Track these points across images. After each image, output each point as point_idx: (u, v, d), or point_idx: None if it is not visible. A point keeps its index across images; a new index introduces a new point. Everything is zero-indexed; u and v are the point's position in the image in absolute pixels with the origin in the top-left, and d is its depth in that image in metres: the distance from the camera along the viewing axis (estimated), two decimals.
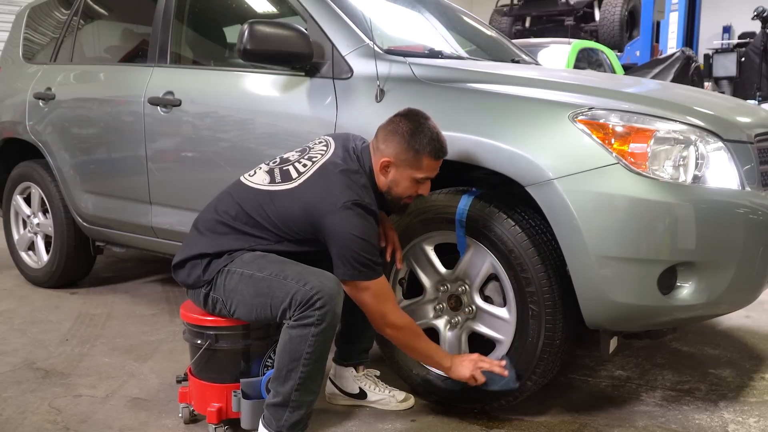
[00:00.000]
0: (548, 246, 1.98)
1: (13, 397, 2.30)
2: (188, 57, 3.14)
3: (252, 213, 1.94)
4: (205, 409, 2.01)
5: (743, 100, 3.00)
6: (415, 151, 1.91)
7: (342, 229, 1.83)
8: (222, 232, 1.96)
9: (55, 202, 3.51)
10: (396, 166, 1.95)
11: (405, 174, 1.95)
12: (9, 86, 3.76)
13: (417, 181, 1.97)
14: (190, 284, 1.98)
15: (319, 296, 1.74)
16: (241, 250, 1.93)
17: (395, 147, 1.93)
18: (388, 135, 1.95)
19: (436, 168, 1.98)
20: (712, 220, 1.87)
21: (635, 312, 1.90)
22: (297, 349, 1.76)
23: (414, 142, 1.91)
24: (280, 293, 1.79)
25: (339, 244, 1.84)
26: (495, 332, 2.09)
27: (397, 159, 1.94)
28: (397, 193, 1.99)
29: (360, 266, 1.84)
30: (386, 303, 1.92)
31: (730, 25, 12.95)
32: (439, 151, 1.94)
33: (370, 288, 1.88)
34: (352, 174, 1.91)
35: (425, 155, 1.92)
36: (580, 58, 7.09)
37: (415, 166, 1.94)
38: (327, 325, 1.75)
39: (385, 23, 2.82)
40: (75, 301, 3.45)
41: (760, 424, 2.14)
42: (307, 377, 1.78)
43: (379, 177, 1.99)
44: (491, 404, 2.14)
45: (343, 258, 1.84)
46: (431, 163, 1.94)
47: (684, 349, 2.80)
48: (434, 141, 1.92)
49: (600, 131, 1.90)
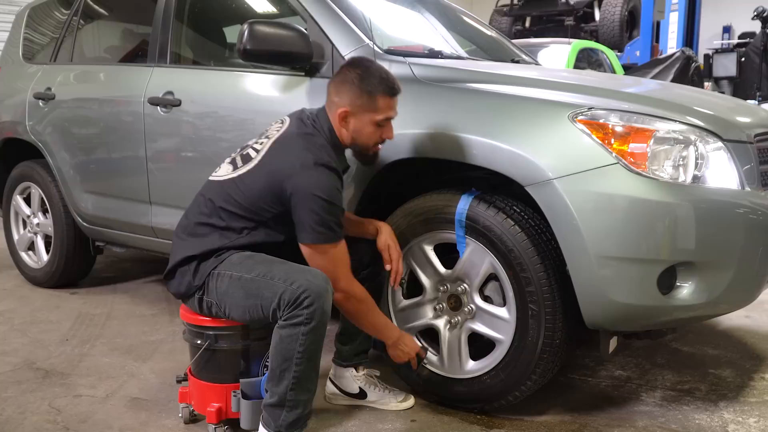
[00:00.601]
0: (548, 246, 1.98)
1: (13, 397, 2.30)
2: (188, 57, 3.14)
3: (224, 206, 1.95)
4: (204, 409, 2.01)
5: (743, 100, 3.00)
6: (369, 93, 1.93)
7: (303, 189, 1.84)
8: (202, 233, 1.97)
9: (55, 202, 3.51)
10: (354, 114, 1.96)
11: (365, 120, 1.96)
12: (9, 86, 3.76)
13: (378, 124, 1.97)
14: (183, 293, 1.99)
15: (306, 295, 1.74)
16: (228, 250, 1.93)
17: (348, 95, 1.95)
18: (339, 86, 1.97)
19: (393, 107, 1.99)
20: (712, 220, 1.87)
21: (635, 312, 1.90)
22: (288, 349, 1.76)
23: (365, 85, 1.93)
24: (269, 294, 1.79)
25: (300, 206, 1.85)
26: (495, 332, 2.09)
27: (353, 106, 1.95)
28: (363, 141, 1.99)
29: (322, 228, 1.84)
30: (340, 267, 1.90)
31: (730, 25, 12.95)
32: (391, 88, 1.96)
33: (328, 252, 1.87)
34: (308, 137, 1.93)
35: (379, 95, 1.94)
36: (580, 58, 7.09)
37: (372, 109, 1.95)
38: (316, 323, 1.75)
39: (384, 23, 2.82)
40: (75, 301, 3.45)
41: (760, 424, 2.15)
42: (301, 376, 1.78)
43: (341, 131, 1.99)
44: (491, 404, 2.14)
45: (305, 221, 1.85)
46: (387, 101, 1.96)
47: (684, 349, 2.80)
48: (385, 79, 1.95)
49: (600, 131, 1.90)
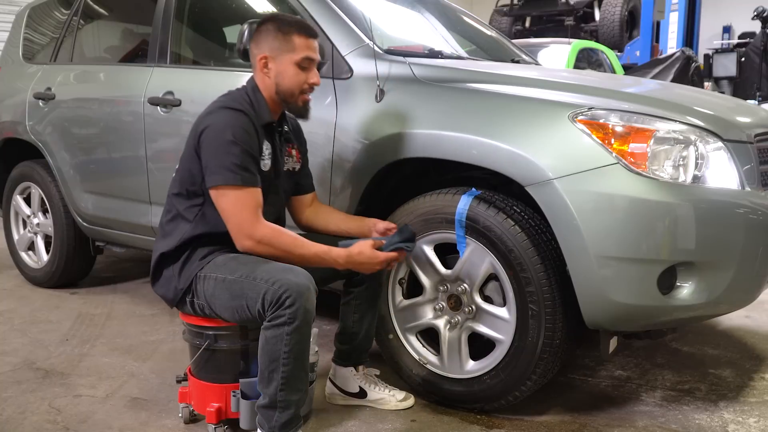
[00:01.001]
0: (548, 246, 1.98)
1: (13, 397, 2.30)
2: (188, 57, 3.14)
3: (173, 191, 2.00)
4: (204, 409, 2.01)
5: (743, 100, 3.00)
6: (283, 33, 1.96)
7: (207, 130, 1.88)
8: (167, 231, 2.01)
9: (55, 202, 3.51)
10: (272, 59, 1.97)
11: (284, 62, 1.96)
12: (9, 86, 3.76)
13: (299, 66, 1.96)
14: (171, 298, 2.00)
15: (287, 294, 1.73)
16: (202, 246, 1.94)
17: (265, 41, 1.98)
18: (256, 38, 2.00)
19: (312, 47, 1.99)
20: (712, 220, 1.87)
21: (635, 312, 1.90)
22: (274, 350, 1.76)
23: (280, 28, 1.96)
24: (253, 294, 1.79)
25: (204, 149, 1.88)
26: (495, 332, 2.09)
27: (271, 50, 1.97)
28: (287, 86, 1.98)
29: (222, 169, 1.84)
30: (244, 212, 1.85)
31: (730, 25, 12.95)
32: (306, 28, 1.99)
33: (228, 195, 1.86)
34: (224, 96, 1.98)
35: (294, 34, 1.96)
36: (580, 58, 7.09)
37: (290, 49, 1.96)
38: (300, 322, 1.74)
39: (385, 23, 2.82)
40: (75, 301, 3.45)
41: (760, 424, 2.15)
42: (289, 376, 1.78)
43: (264, 81, 1.99)
44: (491, 404, 2.14)
45: (208, 163, 1.87)
46: (304, 41, 1.96)
47: (684, 349, 2.80)
48: (297, 21, 2.01)
49: (600, 131, 1.90)
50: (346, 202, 2.32)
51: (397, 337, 2.29)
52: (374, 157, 2.23)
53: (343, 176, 2.32)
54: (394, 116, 2.21)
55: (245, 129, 1.88)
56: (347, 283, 2.18)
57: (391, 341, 2.30)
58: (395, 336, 2.30)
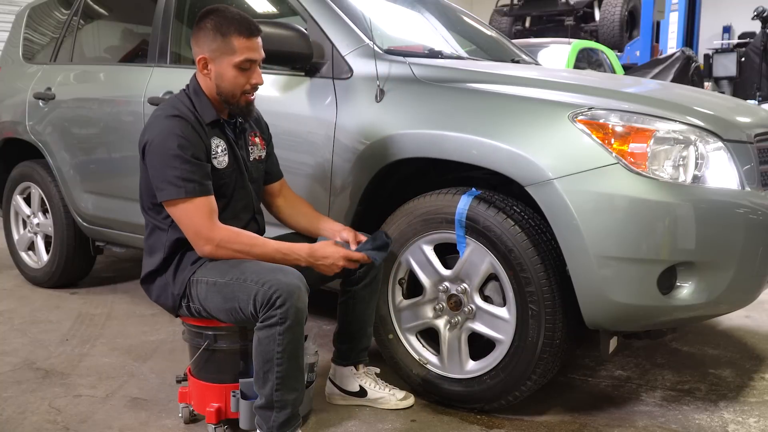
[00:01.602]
0: (548, 246, 1.98)
1: (13, 397, 2.30)
2: (188, 57, 3.13)
3: (145, 205, 2.01)
4: (204, 409, 2.01)
5: (743, 100, 3.00)
6: (222, 34, 1.90)
7: (149, 145, 1.87)
8: (151, 243, 2.03)
9: (55, 202, 3.51)
10: (212, 60, 1.92)
11: (223, 64, 1.91)
12: (9, 86, 3.76)
13: (240, 67, 1.92)
14: (171, 306, 2.00)
15: (277, 294, 1.73)
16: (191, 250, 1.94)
17: (204, 41, 1.92)
18: (196, 34, 1.95)
19: (253, 47, 1.93)
20: (712, 220, 1.87)
21: (635, 312, 1.90)
22: (268, 351, 1.76)
23: (219, 28, 1.90)
24: (244, 296, 1.79)
25: (150, 163, 1.87)
26: (495, 332, 2.09)
27: (210, 51, 1.92)
28: (227, 88, 1.94)
29: (163, 184, 1.84)
30: (196, 220, 1.85)
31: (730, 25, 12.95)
32: (246, 28, 1.90)
33: (178, 207, 1.85)
34: (164, 103, 1.95)
35: (233, 35, 1.90)
36: (580, 58, 7.09)
37: (229, 51, 1.90)
38: (291, 322, 1.74)
39: (385, 23, 2.82)
40: (75, 301, 3.45)
41: (760, 424, 2.15)
42: (284, 376, 1.78)
43: (205, 81, 1.96)
44: (491, 404, 2.14)
45: (153, 179, 1.87)
46: (243, 42, 1.90)
47: (684, 349, 2.80)
48: (238, 20, 1.91)
49: (600, 131, 1.90)
50: (346, 202, 2.32)
51: (397, 337, 2.29)
52: (374, 157, 2.23)
53: (343, 176, 2.31)
54: (394, 116, 2.21)
55: (184, 136, 1.85)
56: (345, 282, 2.18)
57: (391, 341, 2.30)
58: (395, 336, 2.30)
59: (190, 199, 1.84)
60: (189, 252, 1.96)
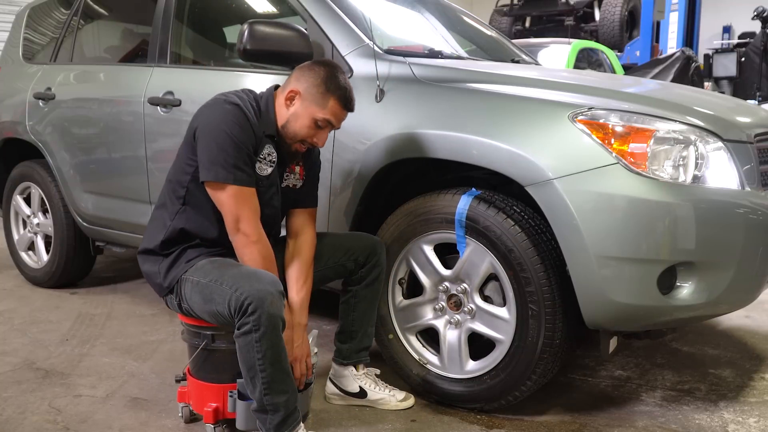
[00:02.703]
0: (548, 246, 1.98)
1: (13, 397, 2.30)
2: (188, 57, 3.14)
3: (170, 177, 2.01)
4: (202, 409, 2.01)
5: (743, 100, 3.00)
6: (326, 88, 1.94)
7: (202, 123, 1.88)
8: (156, 216, 2.03)
9: (55, 202, 3.51)
10: (302, 99, 1.95)
11: (308, 109, 1.95)
12: (9, 86, 3.76)
13: (317, 122, 1.96)
14: (157, 290, 2.02)
15: (249, 301, 1.72)
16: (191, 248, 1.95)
17: (307, 81, 1.95)
18: (305, 71, 1.98)
19: (339, 115, 1.98)
20: (712, 220, 1.87)
21: (635, 312, 1.90)
22: (248, 358, 1.76)
23: (327, 82, 1.94)
24: (220, 299, 1.79)
25: (200, 142, 1.88)
26: (495, 332, 2.09)
27: (306, 92, 1.95)
28: (294, 129, 1.97)
29: (216, 166, 1.84)
30: (241, 208, 1.87)
31: (730, 25, 12.95)
32: (347, 100, 1.97)
33: (226, 190, 1.86)
34: (230, 93, 1.96)
35: (333, 96, 1.94)
36: (580, 58, 7.09)
37: (321, 105, 1.94)
38: (265, 328, 1.73)
39: (385, 23, 2.82)
40: (75, 301, 3.45)
41: (760, 424, 2.14)
42: (270, 380, 1.77)
43: (281, 108, 1.98)
44: (491, 404, 2.14)
45: (202, 157, 1.87)
46: (336, 108, 1.96)
47: (684, 349, 2.80)
48: (345, 89, 1.97)
49: (600, 131, 1.90)
50: (346, 202, 2.32)
51: (397, 337, 2.29)
52: (374, 158, 2.23)
53: (343, 176, 2.31)
54: (394, 116, 2.21)
55: (240, 124, 1.87)
56: (347, 282, 2.19)
57: (391, 341, 2.30)
58: (395, 336, 2.30)
59: (239, 187, 1.86)
60: (189, 250, 1.96)
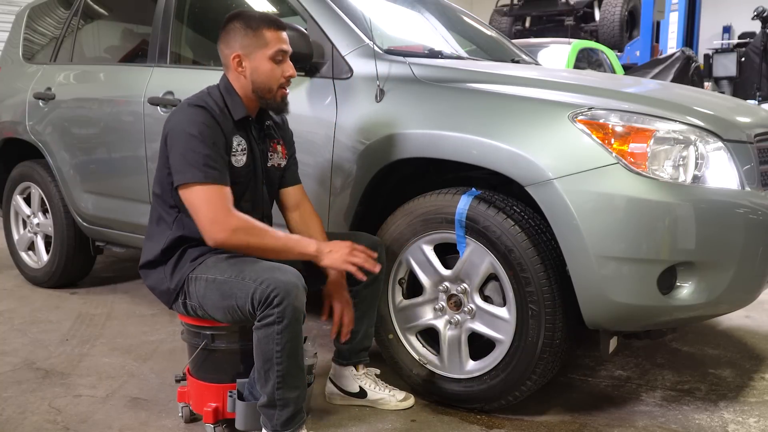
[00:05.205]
0: (548, 246, 1.98)
1: (13, 397, 2.30)
2: (188, 57, 3.14)
3: (157, 191, 2.00)
4: (202, 408, 2.01)
5: (743, 100, 3.00)
6: (253, 29, 1.95)
7: (171, 129, 1.89)
8: (152, 232, 2.02)
9: (55, 202, 3.51)
10: (246, 56, 1.96)
11: (257, 58, 1.95)
12: (9, 86, 3.76)
13: (273, 60, 1.96)
14: (165, 299, 2.01)
15: (275, 293, 1.73)
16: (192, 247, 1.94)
17: (235, 40, 1.97)
18: (225, 37, 1.99)
19: (283, 39, 1.98)
20: (712, 220, 1.87)
21: (635, 312, 1.90)
22: (267, 350, 1.76)
23: (248, 24, 1.96)
24: (242, 294, 1.79)
25: (171, 149, 1.88)
26: (495, 332, 2.09)
27: (243, 48, 1.96)
28: (264, 82, 1.97)
29: (187, 167, 1.84)
30: (212, 207, 1.84)
31: (730, 25, 12.95)
32: (273, 21, 1.97)
33: (195, 191, 1.84)
34: (194, 96, 1.97)
35: (263, 28, 1.95)
36: (580, 58, 7.09)
37: (262, 44, 1.95)
38: (289, 320, 1.74)
39: (385, 23, 2.82)
40: (75, 301, 3.45)
41: (760, 424, 2.14)
42: (285, 374, 1.78)
43: (239, 80, 1.98)
44: (491, 404, 2.14)
45: (174, 163, 1.87)
46: (274, 34, 1.96)
47: (684, 349, 2.80)
48: (264, 15, 1.99)
49: (600, 131, 1.90)
50: (346, 202, 2.32)
51: (397, 337, 2.29)
52: (374, 158, 2.23)
53: (343, 176, 2.32)
54: (394, 116, 2.21)
55: (207, 124, 1.88)
56: (348, 282, 2.18)
57: (391, 341, 2.30)
58: (395, 336, 2.30)
59: (210, 185, 1.85)
60: (190, 249, 1.96)
